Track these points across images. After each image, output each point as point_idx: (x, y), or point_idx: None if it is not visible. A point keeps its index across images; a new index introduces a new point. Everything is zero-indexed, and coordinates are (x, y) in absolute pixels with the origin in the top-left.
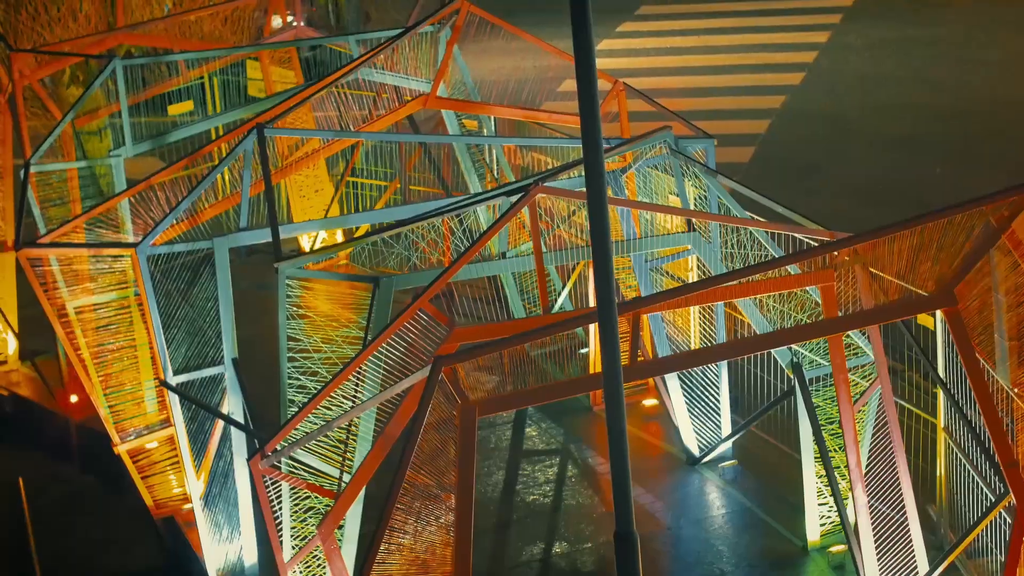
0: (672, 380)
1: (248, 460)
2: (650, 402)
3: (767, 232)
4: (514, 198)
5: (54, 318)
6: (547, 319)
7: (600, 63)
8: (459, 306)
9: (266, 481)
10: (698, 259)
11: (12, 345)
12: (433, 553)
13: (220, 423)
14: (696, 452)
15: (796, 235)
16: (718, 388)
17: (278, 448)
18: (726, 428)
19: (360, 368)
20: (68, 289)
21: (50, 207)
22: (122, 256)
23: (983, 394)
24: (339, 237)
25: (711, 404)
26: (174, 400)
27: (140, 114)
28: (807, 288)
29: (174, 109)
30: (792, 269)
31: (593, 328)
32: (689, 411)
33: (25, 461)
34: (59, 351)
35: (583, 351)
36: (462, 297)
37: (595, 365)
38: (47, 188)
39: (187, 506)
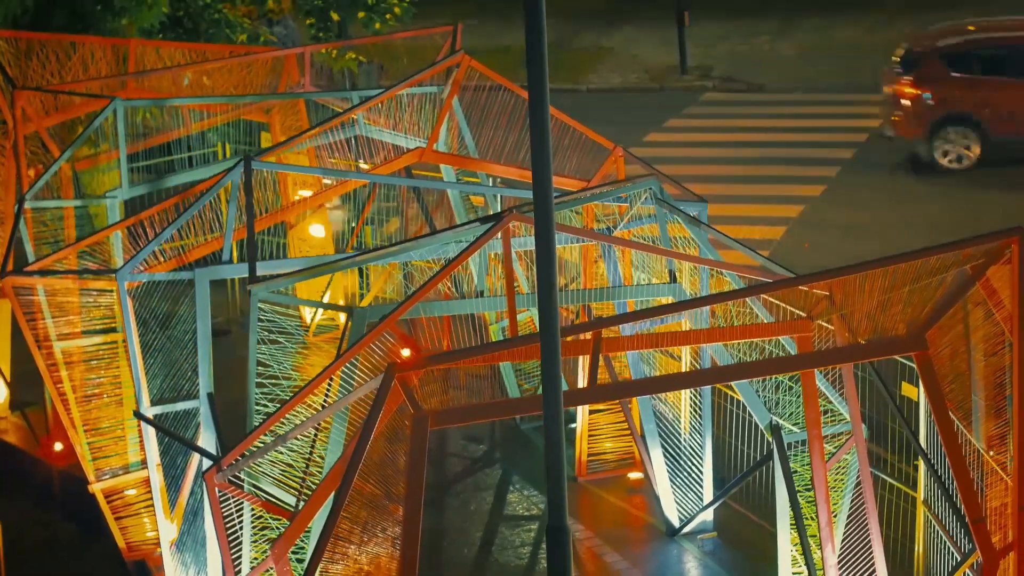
0: (655, 450)
1: (203, 473)
2: (635, 475)
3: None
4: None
5: (35, 350)
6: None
7: (627, 169)
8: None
9: (223, 497)
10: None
11: (3, 394)
12: (378, 566)
13: (194, 462)
14: (676, 523)
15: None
16: (701, 459)
17: (236, 462)
18: (708, 500)
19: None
20: (53, 321)
21: (43, 246)
22: (107, 290)
23: (952, 444)
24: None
25: (694, 475)
26: (148, 432)
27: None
28: (783, 341)
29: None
30: (765, 316)
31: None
32: (671, 481)
33: (8, 506)
34: (46, 400)
35: (571, 426)
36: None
37: (582, 439)
38: (41, 227)
39: (159, 551)
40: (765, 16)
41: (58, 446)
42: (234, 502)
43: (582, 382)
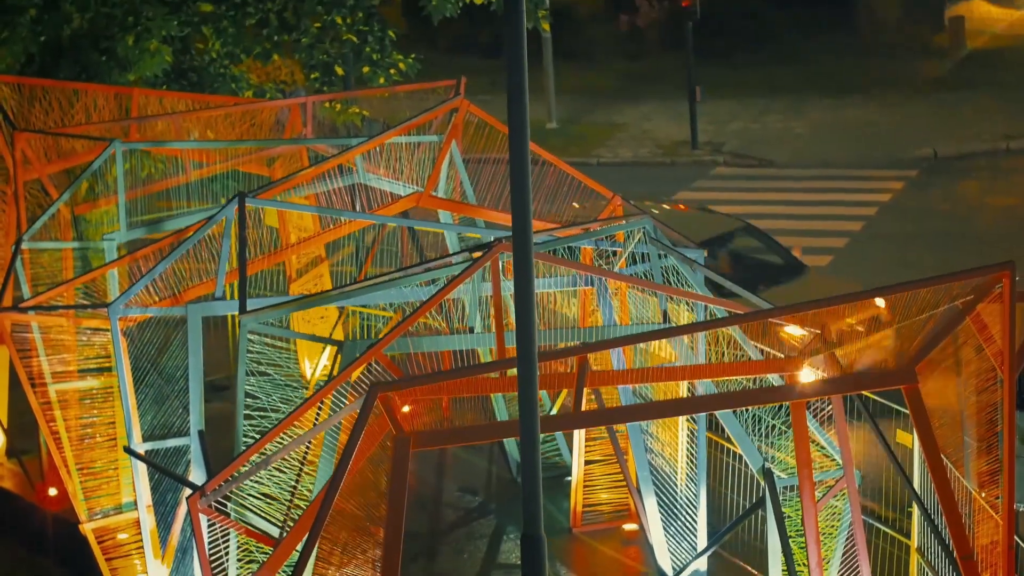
0: (649, 499)
1: (187, 499)
2: (630, 527)
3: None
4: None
5: (29, 389)
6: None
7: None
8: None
9: (208, 525)
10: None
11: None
12: None
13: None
14: (670, 573)
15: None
16: (696, 509)
17: (220, 487)
18: (702, 548)
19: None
20: (48, 360)
21: (40, 287)
22: (101, 329)
23: (940, 478)
24: None
25: (688, 524)
26: (138, 471)
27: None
28: (773, 382)
29: None
30: (754, 353)
31: (578, 440)
32: (665, 531)
33: (1, 551)
34: (41, 446)
35: (567, 478)
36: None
37: (578, 490)
38: (39, 269)
39: None
40: (777, 95)
41: (52, 491)
42: (220, 532)
43: None
